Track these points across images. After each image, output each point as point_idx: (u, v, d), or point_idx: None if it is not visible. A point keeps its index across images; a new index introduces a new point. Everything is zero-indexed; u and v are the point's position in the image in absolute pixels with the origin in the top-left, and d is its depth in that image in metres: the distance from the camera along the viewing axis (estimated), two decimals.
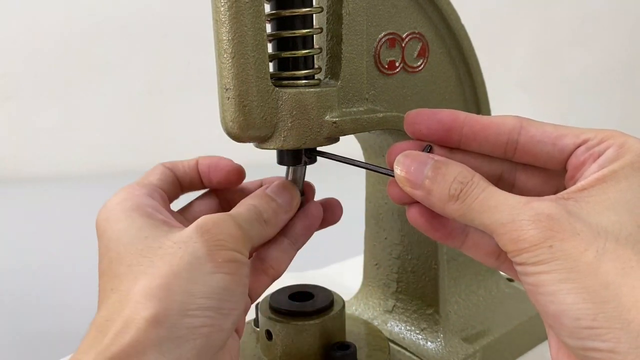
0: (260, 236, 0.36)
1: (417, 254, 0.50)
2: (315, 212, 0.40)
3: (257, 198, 0.37)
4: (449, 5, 0.43)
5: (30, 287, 0.81)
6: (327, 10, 0.38)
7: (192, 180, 0.41)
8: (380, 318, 0.52)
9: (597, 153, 0.30)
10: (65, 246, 0.94)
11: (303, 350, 0.43)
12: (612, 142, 0.29)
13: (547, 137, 0.31)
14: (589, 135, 0.30)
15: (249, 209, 0.36)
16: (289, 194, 0.38)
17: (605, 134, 0.30)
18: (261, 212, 0.36)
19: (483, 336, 0.51)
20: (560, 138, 0.31)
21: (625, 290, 0.25)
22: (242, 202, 0.37)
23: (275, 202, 0.37)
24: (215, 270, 0.30)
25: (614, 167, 0.28)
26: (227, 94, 0.34)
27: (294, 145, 0.36)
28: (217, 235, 0.32)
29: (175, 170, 0.40)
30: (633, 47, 1.59)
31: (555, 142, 0.31)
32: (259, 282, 0.37)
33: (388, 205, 0.51)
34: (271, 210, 0.37)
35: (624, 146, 0.29)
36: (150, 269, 0.30)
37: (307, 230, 0.40)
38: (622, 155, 0.29)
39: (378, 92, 0.40)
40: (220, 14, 0.33)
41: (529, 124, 0.32)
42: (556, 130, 0.31)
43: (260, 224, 0.36)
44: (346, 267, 0.74)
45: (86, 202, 1.18)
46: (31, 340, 0.66)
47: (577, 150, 0.30)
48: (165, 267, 0.30)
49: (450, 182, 0.30)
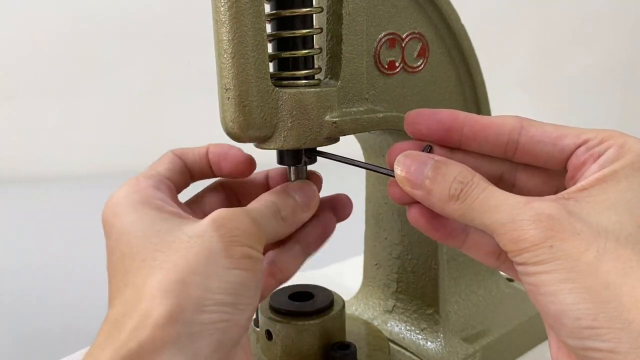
0: (276, 233, 0.36)
1: (417, 254, 0.50)
2: (329, 221, 0.40)
3: (276, 194, 0.37)
4: (449, 5, 0.43)
5: (30, 286, 0.81)
6: (327, 10, 0.38)
7: (202, 169, 0.40)
8: (380, 318, 0.52)
9: (597, 153, 0.30)
10: (65, 246, 0.94)
11: (303, 350, 0.43)
12: (612, 143, 0.29)
13: (547, 138, 0.31)
14: (590, 135, 0.30)
15: (267, 204, 0.35)
16: (308, 193, 0.38)
17: (605, 134, 0.30)
18: (279, 209, 0.36)
19: (483, 336, 0.51)
20: (560, 138, 0.31)
21: (625, 290, 0.25)
22: (261, 197, 0.37)
23: (294, 199, 0.37)
24: (231, 266, 0.30)
25: (615, 167, 0.28)
26: (227, 94, 0.34)
27: (294, 145, 0.36)
28: (233, 231, 0.31)
29: (185, 158, 0.40)
30: (633, 47, 1.59)
31: (556, 143, 0.31)
32: (266, 283, 0.37)
33: (388, 205, 0.51)
34: (289, 208, 0.36)
35: (624, 146, 0.29)
36: (166, 263, 0.30)
37: (319, 238, 0.40)
38: (622, 155, 0.29)
39: (378, 92, 0.40)
40: (220, 14, 0.33)
41: (529, 124, 0.32)
42: (556, 131, 0.31)
43: (277, 220, 0.35)
44: (346, 267, 0.74)
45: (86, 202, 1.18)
46: (31, 340, 0.66)
47: (578, 150, 0.30)
48: (181, 261, 0.30)
49: (451, 182, 0.30)
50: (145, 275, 0.30)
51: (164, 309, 0.28)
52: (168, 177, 0.38)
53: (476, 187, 0.30)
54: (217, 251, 0.30)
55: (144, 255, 0.31)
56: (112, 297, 0.31)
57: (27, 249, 0.96)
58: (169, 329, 0.28)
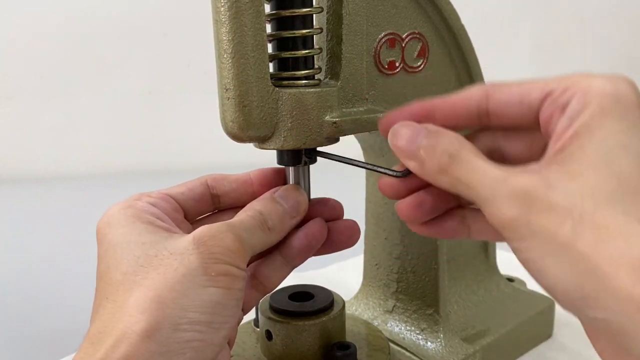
0: (264, 243, 0.35)
1: (417, 254, 0.50)
2: (317, 232, 0.38)
3: (263, 202, 0.36)
4: (449, 5, 0.43)
5: (30, 286, 0.81)
6: (327, 10, 0.38)
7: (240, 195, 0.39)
8: (380, 318, 0.52)
9: (562, 104, 0.28)
10: (65, 246, 0.94)
11: (303, 350, 0.43)
12: (575, 90, 0.28)
13: (513, 97, 0.30)
14: (553, 85, 0.29)
15: (253, 215, 0.35)
16: (296, 198, 0.37)
17: (568, 82, 0.28)
18: (266, 219, 0.35)
19: (483, 336, 0.51)
20: (526, 95, 0.30)
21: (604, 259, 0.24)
22: (248, 206, 0.36)
23: (281, 206, 0.37)
24: (208, 284, 0.30)
25: (585, 119, 0.27)
26: (227, 94, 0.34)
27: (294, 145, 0.36)
28: (212, 248, 0.31)
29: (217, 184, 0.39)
30: (633, 47, 1.59)
31: (522, 100, 0.30)
32: (249, 296, 0.37)
33: (388, 205, 0.51)
34: (277, 216, 0.36)
35: (588, 92, 0.27)
36: (145, 280, 0.30)
37: (303, 252, 0.38)
38: (589, 103, 0.27)
39: (378, 92, 0.40)
40: (220, 14, 0.33)
41: (494, 89, 0.31)
42: (521, 88, 0.30)
43: (263, 231, 0.35)
44: (346, 267, 0.74)
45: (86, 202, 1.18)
46: (31, 340, 0.66)
47: (544, 104, 0.29)
48: (159, 278, 0.30)
49: (441, 153, 0.30)
50: (125, 290, 0.30)
51: (139, 327, 0.28)
52: (177, 199, 0.38)
53: (462, 160, 0.29)
54: (195, 268, 0.30)
55: (126, 268, 0.31)
56: (94, 311, 0.32)
57: (27, 249, 0.96)
58: (143, 348, 0.28)
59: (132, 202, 0.35)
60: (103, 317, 0.30)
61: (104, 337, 0.29)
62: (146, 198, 0.36)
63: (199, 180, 0.39)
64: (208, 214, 0.40)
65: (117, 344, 0.28)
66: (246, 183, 0.40)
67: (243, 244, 0.33)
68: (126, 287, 0.30)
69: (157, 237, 0.32)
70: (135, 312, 0.29)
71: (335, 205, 0.41)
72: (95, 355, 0.28)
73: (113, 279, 0.31)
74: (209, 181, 0.39)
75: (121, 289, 0.30)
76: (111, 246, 0.33)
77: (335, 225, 0.40)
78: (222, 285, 0.31)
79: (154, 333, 0.28)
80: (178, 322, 0.29)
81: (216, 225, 0.33)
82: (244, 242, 0.33)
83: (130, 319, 0.29)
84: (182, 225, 0.37)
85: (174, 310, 0.29)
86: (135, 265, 0.31)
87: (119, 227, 0.33)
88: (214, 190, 0.39)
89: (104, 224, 0.34)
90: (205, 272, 0.30)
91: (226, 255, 0.31)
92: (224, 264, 0.31)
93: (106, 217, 0.35)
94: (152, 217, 0.34)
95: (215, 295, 0.30)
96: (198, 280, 0.30)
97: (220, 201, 0.40)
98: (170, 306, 0.29)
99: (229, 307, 0.31)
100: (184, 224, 0.37)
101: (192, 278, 0.30)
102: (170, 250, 0.31)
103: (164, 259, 0.31)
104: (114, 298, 0.30)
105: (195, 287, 0.30)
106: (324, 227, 0.39)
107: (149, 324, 0.28)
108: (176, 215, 0.37)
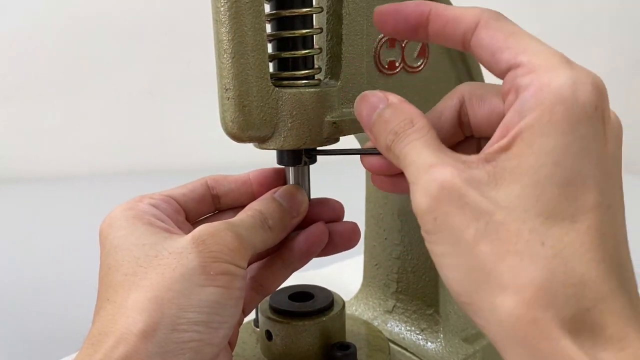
0: (264, 243, 0.35)
1: (417, 254, 0.50)
2: (318, 237, 0.38)
3: (264, 202, 0.37)
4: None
5: (30, 287, 0.81)
6: (327, 10, 0.38)
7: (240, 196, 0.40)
8: (380, 318, 0.52)
9: (517, 88, 0.26)
10: (66, 246, 0.94)
11: (303, 350, 0.43)
12: (534, 80, 0.25)
13: (492, 45, 0.28)
14: (524, 59, 0.26)
15: (253, 214, 0.35)
16: (296, 198, 0.38)
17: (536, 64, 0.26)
18: (266, 218, 0.35)
19: (483, 336, 0.51)
20: (500, 51, 0.27)
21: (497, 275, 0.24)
22: (249, 206, 0.37)
23: (282, 206, 0.37)
24: (207, 283, 0.30)
25: (531, 120, 0.25)
26: (227, 94, 0.34)
27: (294, 145, 0.36)
28: (212, 247, 0.31)
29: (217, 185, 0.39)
30: (634, 47, 1.59)
31: (494, 54, 0.28)
32: (249, 298, 0.37)
33: (388, 205, 0.51)
34: (277, 215, 0.36)
35: (545, 89, 0.25)
36: (144, 280, 0.30)
37: (304, 256, 0.38)
38: (540, 104, 0.25)
39: None
40: (220, 14, 0.33)
41: (485, 24, 0.28)
42: (504, 40, 0.27)
43: (264, 230, 0.35)
44: (346, 267, 0.74)
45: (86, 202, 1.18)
46: (31, 340, 0.66)
47: (508, 74, 0.27)
48: (158, 278, 0.30)
49: (388, 131, 0.29)
50: (125, 291, 0.30)
51: (138, 328, 0.28)
52: (179, 200, 0.38)
53: (404, 141, 0.29)
54: (193, 268, 0.30)
55: (126, 269, 0.31)
56: (95, 312, 0.32)
57: (27, 249, 0.96)
58: (142, 349, 0.28)
59: (133, 204, 0.35)
60: (103, 318, 0.30)
61: (103, 338, 0.29)
62: (148, 199, 0.36)
63: (199, 181, 0.39)
64: (209, 215, 0.40)
65: (116, 345, 0.28)
66: (246, 183, 0.40)
67: (242, 242, 0.33)
68: (125, 288, 0.30)
69: (157, 238, 0.32)
70: (133, 312, 0.29)
71: (335, 206, 0.41)
72: (94, 356, 0.28)
73: (114, 281, 0.31)
74: (209, 182, 0.39)
75: (121, 290, 0.30)
76: (112, 248, 0.33)
77: (336, 227, 0.40)
78: (221, 284, 0.31)
79: (152, 334, 0.28)
80: (176, 322, 0.29)
81: (215, 224, 0.33)
82: (243, 240, 0.33)
83: (129, 319, 0.29)
84: (183, 226, 0.37)
85: (172, 311, 0.29)
86: (135, 266, 0.31)
87: (120, 229, 0.33)
88: (214, 191, 0.39)
89: (106, 226, 0.34)
90: (204, 271, 0.30)
91: (225, 254, 0.31)
92: (223, 263, 0.31)
93: (108, 219, 0.35)
94: (153, 219, 0.34)
95: (213, 295, 0.30)
96: (196, 279, 0.30)
97: (221, 202, 0.40)
98: (168, 306, 0.29)
99: (228, 306, 0.31)
100: (185, 225, 0.37)
101: (191, 277, 0.30)
102: (169, 250, 0.31)
103: (164, 259, 0.31)
104: (114, 299, 0.30)
105: (194, 286, 0.30)
106: (325, 232, 0.39)
107: (147, 325, 0.29)
108: (177, 217, 0.37)
